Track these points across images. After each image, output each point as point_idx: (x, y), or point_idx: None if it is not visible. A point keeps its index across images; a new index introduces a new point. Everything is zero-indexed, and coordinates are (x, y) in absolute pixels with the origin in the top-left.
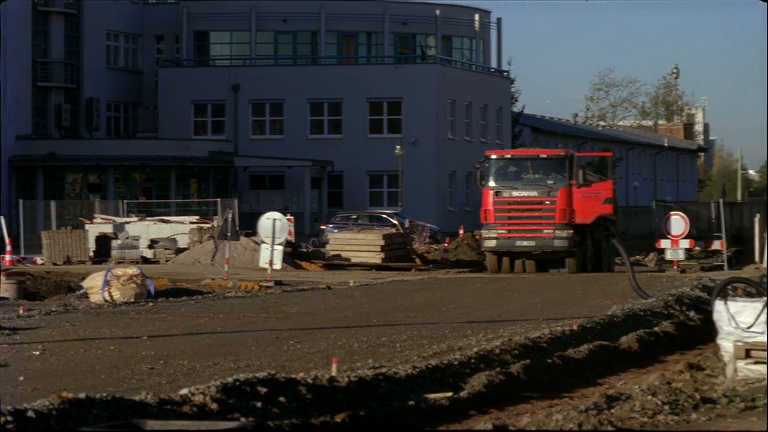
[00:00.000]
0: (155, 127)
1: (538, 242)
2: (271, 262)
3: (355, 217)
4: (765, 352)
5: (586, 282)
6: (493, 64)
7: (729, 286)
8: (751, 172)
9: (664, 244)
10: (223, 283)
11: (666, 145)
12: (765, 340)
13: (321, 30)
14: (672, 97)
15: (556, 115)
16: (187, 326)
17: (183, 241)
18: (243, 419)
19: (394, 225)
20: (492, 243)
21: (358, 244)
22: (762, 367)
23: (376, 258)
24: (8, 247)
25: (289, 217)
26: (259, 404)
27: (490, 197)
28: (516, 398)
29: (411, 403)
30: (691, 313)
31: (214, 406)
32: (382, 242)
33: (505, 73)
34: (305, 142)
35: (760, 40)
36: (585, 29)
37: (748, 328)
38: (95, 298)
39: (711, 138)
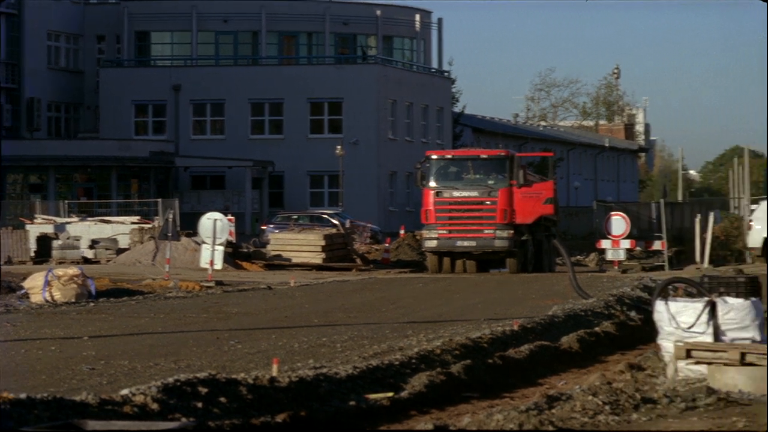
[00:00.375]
0: (96, 127)
1: (479, 242)
2: (211, 263)
3: (295, 217)
4: (705, 352)
5: (527, 282)
6: (434, 64)
7: (670, 287)
8: (692, 172)
9: (605, 244)
10: (164, 283)
11: (607, 145)
12: (705, 340)
13: (262, 30)
14: (613, 97)
15: (497, 115)
16: (128, 326)
17: (124, 242)
18: (184, 419)
19: (334, 225)
20: (433, 243)
21: (298, 244)
22: (702, 367)
23: (317, 258)
24: None
25: (229, 217)
26: (199, 404)
27: (430, 197)
28: (457, 398)
29: (352, 403)
30: (632, 313)
31: (154, 406)
32: (323, 242)
33: (446, 74)
34: (246, 143)
35: (701, 39)
36: (526, 29)
37: (689, 328)
38: (36, 298)
39: (652, 138)
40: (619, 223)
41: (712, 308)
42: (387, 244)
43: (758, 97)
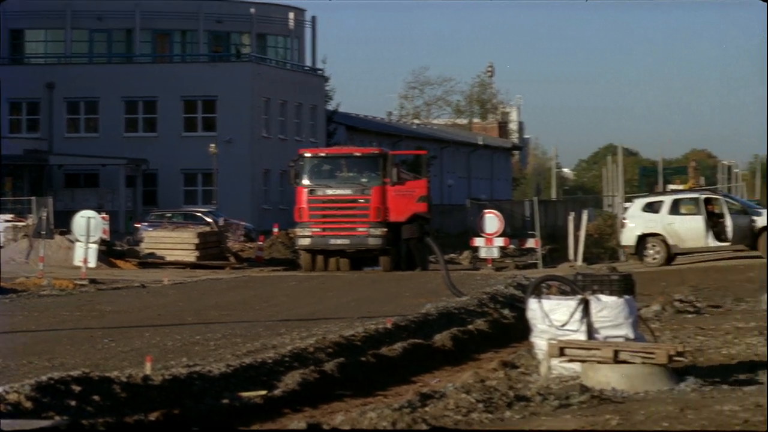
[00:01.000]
0: None
1: (353, 240)
2: (85, 261)
3: (169, 215)
4: (579, 350)
5: (401, 280)
6: (308, 62)
7: (543, 284)
8: (565, 170)
9: (479, 242)
10: (38, 281)
11: (480, 143)
12: (579, 338)
13: (136, 28)
14: (487, 95)
15: (371, 113)
16: (1, 325)
17: None
18: (57, 418)
19: (208, 223)
20: (306, 241)
21: (172, 242)
22: (576, 365)
23: (191, 256)
24: None
25: (103, 215)
26: (73, 403)
27: (304, 195)
28: (330, 396)
29: (225, 401)
30: (506, 311)
31: (28, 404)
32: (197, 240)
33: (320, 72)
34: (120, 141)
35: (574, 39)
36: (400, 28)
37: (562, 326)
38: None
39: (525, 136)
40: (492, 221)
41: (586, 306)
42: (260, 242)
43: (634, 94)
